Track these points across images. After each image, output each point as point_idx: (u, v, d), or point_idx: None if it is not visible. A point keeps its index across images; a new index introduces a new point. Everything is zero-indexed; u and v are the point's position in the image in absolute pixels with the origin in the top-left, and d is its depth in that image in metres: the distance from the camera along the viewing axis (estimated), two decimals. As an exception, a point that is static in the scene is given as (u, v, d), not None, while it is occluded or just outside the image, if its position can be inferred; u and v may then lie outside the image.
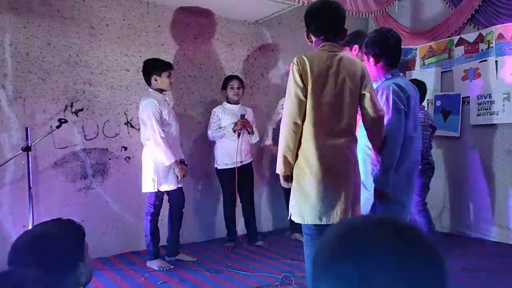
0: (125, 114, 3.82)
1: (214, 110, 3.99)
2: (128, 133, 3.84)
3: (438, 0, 4.46)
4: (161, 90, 3.43)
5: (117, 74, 3.78)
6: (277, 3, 4.02)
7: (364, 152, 2.53)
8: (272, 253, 3.79)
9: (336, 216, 2.15)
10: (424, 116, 3.54)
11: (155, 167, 3.31)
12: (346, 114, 2.19)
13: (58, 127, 3.23)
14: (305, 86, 2.13)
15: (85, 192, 3.63)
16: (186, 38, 4.17)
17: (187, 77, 4.17)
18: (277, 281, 2.98)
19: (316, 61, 2.15)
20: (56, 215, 1.34)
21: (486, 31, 3.99)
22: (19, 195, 3.29)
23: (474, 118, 4.10)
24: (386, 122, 2.37)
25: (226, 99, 4.03)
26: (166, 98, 3.49)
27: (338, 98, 2.16)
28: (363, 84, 2.23)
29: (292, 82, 2.15)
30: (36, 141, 3.19)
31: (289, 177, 2.25)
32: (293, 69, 2.16)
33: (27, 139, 3.09)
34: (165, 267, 3.32)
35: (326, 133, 2.16)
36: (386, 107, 2.37)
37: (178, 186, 3.43)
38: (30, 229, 1.22)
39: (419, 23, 4.62)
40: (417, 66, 4.61)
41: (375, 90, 2.41)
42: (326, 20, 2.24)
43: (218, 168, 3.98)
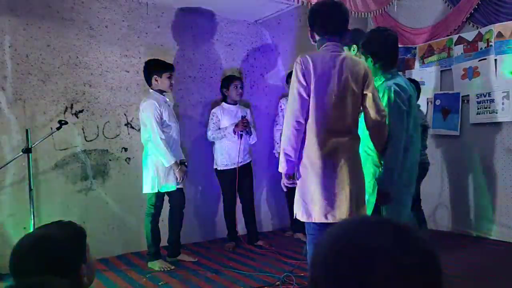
0: (125, 115, 3.83)
1: (213, 111, 3.99)
2: (128, 134, 3.84)
3: (437, -1, 4.46)
4: (161, 91, 3.43)
5: (117, 75, 3.78)
6: (276, 3, 4.02)
7: (365, 152, 2.54)
8: (272, 252, 3.79)
9: (341, 213, 2.16)
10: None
11: (155, 168, 3.31)
12: (349, 114, 2.20)
13: (58, 129, 3.24)
14: (308, 85, 2.14)
15: (85, 193, 3.63)
16: (186, 39, 4.17)
17: (187, 77, 4.17)
18: (278, 280, 2.99)
19: (319, 60, 2.15)
20: (57, 217, 1.34)
21: (485, 30, 4.00)
22: (20, 197, 3.30)
23: (473, 116, 4.10)
24: (388, 123, 2.38)
25: (224, 99, 4.02)
26: (167, 99, 3.49)
27: (341, 98, 2.17)
28: (366, 84, 2.24)
29: (295, 81, 2.16)
30: (36, 142, 3.19)
31: (291, 176, 2.26)
32: (296, 68, 2.16)
33: (28, 141, 3.09)
34: (166, 268, 3.32)
35: (329, 132, 2.17)
36: (388, 108, 2.37)
37: (179, 187, 3.43)
38: (31, 232, 1.22)
39: (419, 22, 4.62)
40: (416, 65, 4.61)
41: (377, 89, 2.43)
42: (330, 20, 2.25)
43: (218, 169, 3.99)
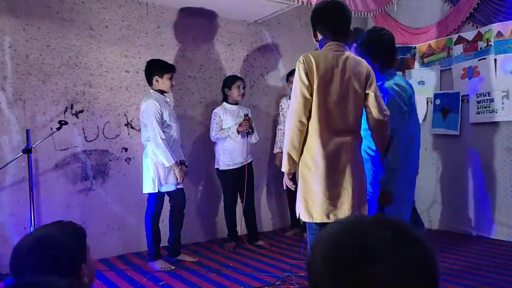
0: (125, 115, 3.83)
1: (215, 111, 3.96)
2: (128, 134, 3.84)
3: (437, -2, 4.46)
4: (162, 91, 3.43)
5: (116, 75, 3.78)
6: (276, 3, 4.02)
7: (365, 152, 2.55)
8: (273, 252, 3.80)
9: (343, 213, 2.16)
10: None
11: (156, 168, 3.31)
12: (352, 113, 2.20)
13: (58, 129, 3.24)
14: (310, 84, 2.13)
15: (86, 193, 3.63)
16: (186, 39, 4.17)
17: (187, 77, 4.17)
18: (278, 280, 2.99)
19: (322, 60, 2.15)
20: (57, 217, 1.34)
21: (485, 29, 4.00)
22: (20, 197, 3.30)
23: (473, 116, 4.10)
24: (390, 123, 2.39)
25: (226, 99, 4.00)
26: (167, 99, 3.49)
27: (344, 97, 2.18)
28: (368, 83, 2.24)
29: (298, 80, 2.16)
30: (36, 143, 3.19)
31: (294, 175, 2.26)
32: (299, 67, 2.16)
33: (28, 141, 3.10)
34: (166, 268, 3.33)
35: (332, 131, 2.17)
36: (389, 108, 2.38)
37: (179, 187, 3.44)
38: (31, 232, 1.22)
39: (418, 22, 4.62)
40: (416, 64, 4.61)
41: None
42: (333, 19, 2.24)
43: (220, 168, 3.97)
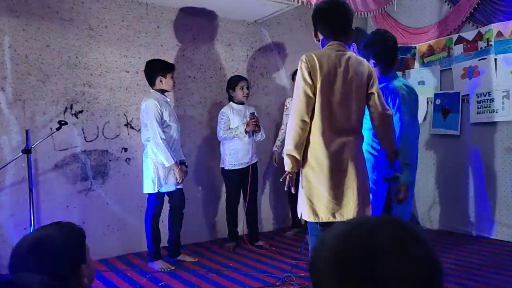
0: (125, 115, 3.82)
1: (223, 110, 3.94)
2: (128, 134, 3.84)
3: (437, -2, 4.46)
4: (162, 91, 3.43)
5: (116, 75, 3.78)
6: (276, 3, 4.01)
7: (367, 151, 2.58)
8: (273, 253, 3.79)
9: (349, 212, 2.16)
10: None
11: (155, 168, 3.30)
12: (354, 113, 2.20)
13: (58, 129, 3.24)
14: (313, 83, 2.13)
15: (85, 193, 3.63)
16: (185, 39, 4.17)
17: (187, 77, 4.17)
18: (278, 280, 2.98)
19: (325, 59, 2.15)
20: (57, 217, 1.34)
21: (485, 29, 3.99)
22: (20, 198, 3.30)
23: (473, 116, 4.10)
24: (399, 124, 2.46)
25: (231, 100, 4.00)
26: (168, 99, 3.48)
27: (347, 97, 2.17)
28: (370, 83, 2.24)
29: (300, 79, 2.14)
30: (36, 143, 3.19)
31: (296, 174, 2.22)
32: (301, 66, 2.15)
33: (27, 142, 3.09)
34: (166, 268, 3.32)
35: (335, 130, 2.16)
36: (398, 110, 2.46)
37: (179, 187, 3.43)
38: (30, 233, 1.21)
39: (418, 22, 4.61)
40: (416, 64, 4.61)
41: (382, 88, 2.49)
42: (334, 19, 2.23)
43: (225, 168, 3.96)
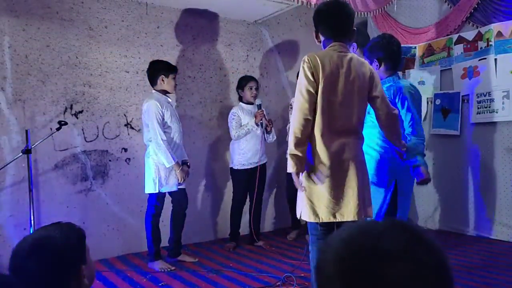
0: (125, 115, 3.82)
1: (234, 111, 3.96)
2: (128, 134, 3.84)
3: (437, -2, 4.46)
4: (164, 92, 3.43)
5: (116, 75, 3.78)
6: (276, 3, 4.01)
7: (372, 148, 2.64)
8: (273, 253, 3.79)
9: (349, 212, 2.16)
10: None
11: (157, 168, 3.30)
12: (355, 113, 2.20)
13: (58, 129, 3.24)
14: (316, 83, 2.13)
15: (85, 194, 3.63)
16: (185, 39, 4.17)
17: (187, 78, 4.16)
18: (279, 281, 2.98)
19: (327, 60, 2.15)
20: (57, 217, 1.34)
21: (485, 29, 3.99)
22: (20, 198, 3.30)
23: (474, 116, 4.09)
24: (411, 122, 2.56)
25: (241, 99, 4.03)
26: (169, 100, 3.47)
27: (348, 97, 2.17)
28: (373, 85, 2.24)
29: (303, 78, 2.14)
30: (36, 143, 3.19)
31: (299, 174, 2.19)
32: (304, 66, 2.15)
33: (27, 142, 3.09)
34: (166, 269, 3.32)
35: (336, 131, 2.16)
36: (409, 110, 2.57)
37: (181, 187, 3.43)
38: (31, 234, 1.21)
39: (418, 22, 4.61)
40: (416, 64, 4.60)
41: (387, 89, 2.61)
42: (335, 20, 2.23)
43: (234, 168, 3.97)
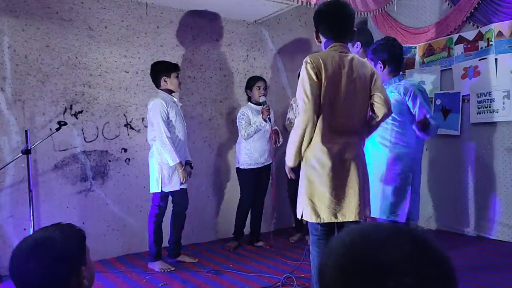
0: (124, 115, 3.82)
1: (243, 111, 3.96)
2: (128, 134, 3.83)
3: (437, -2, 4.45)
4: (170, 92, 3.44)
5: (116, 75, 3.77)
6: (276, 3, 4.01)
7: (380, 143, 2.76)
8: (273, 253, 3.79)
9: (350, 212, 2.17)
10: None
11: (160, 168, 3.31)
12: (357, 114, 2.21)
13: (57, 130, 3.23)
14: (319, 83, 2.13)
15: (85, 194, 3.62)
16: (185, 39, 4.16)
17: (187, 78, 4.16)
18: (279, 282, 2.98)
19: (329, 60, 2.15)
20: (56, 218, 1.33)
21: (485, 29, 3.98)
22: (20, 198, 3.29)
23: (474, 116, 4.09)
24: (428, 116, 2.71)
25: (249, 100, 4.04)
26: (175, 99, 3.47)
27: (351, 98, 2.18)
28: (375, 85, 2.25)
29: (306, 79, 2.13)
30: (36, 143, 3.18)
31: (297, 174, 2.36)
32: (307, 67, 2.14)
33: (27, 142, 3.08)
34: (166, 269, 3.32)
35: (338, 131, 2.17)
36: (422, 106, 2.74)
37: (182, 187, 3.43)
38: (31, 235, 1.21)
39: (418, 22, 4.61)
40: (416, 64, 4.60)
41: (395, 89, 2.80)
42: (336, 21, 2.23)
43: (240, 167, 3.98)
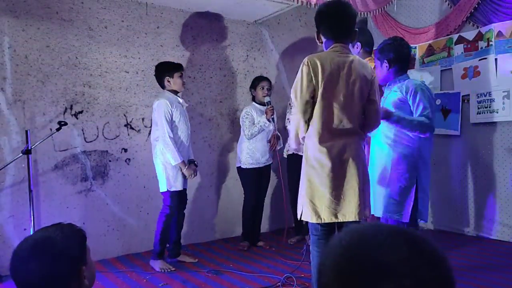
0: (124, 116, 3.82)
1: (247, 110, 3.95)
2: (128, 135, 3.83)
3: (437, -2, 4.45)
4: (175, 92, 3.46)
5: (116, 76, 3.77)
6: (276, 3, 4.01)
7: (386, 144, 2.77)
8: (273, 253, 3.79)
9: (350, 212, 2.17)
10: None
11: (164, 168, 3.34)
12: (356, 115, 2.21)
13: (58, 130, 3.24)
14: (314, 87, 2.14)
15: (85, 194, 3.62)
16: (185, 39, 4.16)
17: (186, 78, 4.15)
18: (279, 282, 2.98)
19: (327, 62, 2.15)
20: (57, 218, 1.34)
21: (485, 29, 3.98)
22: (20, 198, 3.29)
23: (474, 116, 4.09)
24: (423, 114, 2.66)
25: (253, 99, 4.05)
26: (180, 100, 3.48)
27: (349, 99, 2.18)
28: (373, 88, 2.26)
29: (299, 83, 2.16)
30: (36, 144, 3.18)
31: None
32: (303, 69, 2.16)
33: (27, 142, 3.08)
34: (166, 269, 3.32)
35: (337, 132, 2.18)
36: (422, 102, 2.67)
37: (184, 188, 3.44)
38: (31, 235, 1.21)
39: (418, 22, 4.61)
40: (416, 64, 4.59)
41: (399, 88, 2.77)
42: (337, 21, 2.22)
43: (242, 167, 3.98)
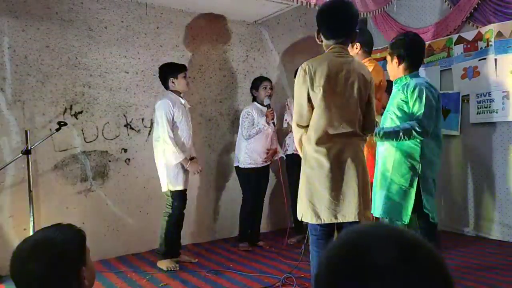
0: (124, 116, 3.82)
1: (248, 110, 3.94)
2: (128, 135, 3.84)
3: (437, -2, 4.46)
4: (178, 92, 3.48)
5: (116, 76, 3.77)
6: (276, 3, 4.01)
7: (393, 146, 2.70)
8: (273, 253, 3.79)
9: (350, 213, 2.18)
10: None
11: (166, 168, 3.35)
12: (355, 116, 2.22)
13: (57, 130, 3.24)
14: (310, 92, 2.16)
15: (85, 194, 3.62)
16: (185, 39, 4.16)
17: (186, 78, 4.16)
18: (278, 281, 2.98)
19: (326, 64, 2.15)
20: (56, 218, 1.34)
21: (485, 29, 3.99)
22: (20, 198, 3.29)
23: (473, 116, 4.09)
24: (415, 118, 2.56)
25: (255, 100, 4.04)
26: (182, 101, 3.48)
27: (348, 100, 2.19)
28: (371, 90, 2.26)
29: (298, 88, 2.18)
30: (36, 144, 3.18)
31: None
32: (300, 74, 2.17)
33: (27, 142, 3.08)
34: (172, 268, 3.35)
35: (336, 133, 2.18)
36: (418, 103, 2.55)
37: (184, 188, 3.45)
38: (31, 235, 1.21)
39: (418, 22, 4.61)
40: (416, 64, 4.60)
41: (403, 87, 2.64)
42: (337, 21, 2.21)
43: (240, 166, 3.97)
